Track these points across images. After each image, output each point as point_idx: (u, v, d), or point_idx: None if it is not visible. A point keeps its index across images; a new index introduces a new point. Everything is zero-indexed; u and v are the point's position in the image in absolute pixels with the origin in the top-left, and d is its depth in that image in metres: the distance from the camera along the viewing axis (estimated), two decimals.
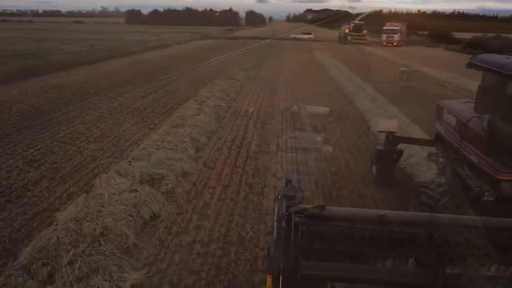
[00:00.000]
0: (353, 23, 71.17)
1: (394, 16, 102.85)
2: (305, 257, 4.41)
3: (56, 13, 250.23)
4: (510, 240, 4.67)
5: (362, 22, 72.03)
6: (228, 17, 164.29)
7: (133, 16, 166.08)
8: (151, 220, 8.04)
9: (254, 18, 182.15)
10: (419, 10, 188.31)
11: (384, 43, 64.23)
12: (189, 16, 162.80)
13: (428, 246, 4.59)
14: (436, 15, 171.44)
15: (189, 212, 8.46)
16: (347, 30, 68.87)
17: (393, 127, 9.77)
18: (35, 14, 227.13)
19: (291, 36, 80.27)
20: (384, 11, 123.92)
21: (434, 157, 8.08)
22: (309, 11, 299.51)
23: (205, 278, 6.39)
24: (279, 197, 4.97)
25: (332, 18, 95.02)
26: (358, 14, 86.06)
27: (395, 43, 64.01)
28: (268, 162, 11.35)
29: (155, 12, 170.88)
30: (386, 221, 4.87)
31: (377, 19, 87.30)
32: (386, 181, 9.86)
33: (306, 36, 79.12)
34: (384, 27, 67.51)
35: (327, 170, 10.91)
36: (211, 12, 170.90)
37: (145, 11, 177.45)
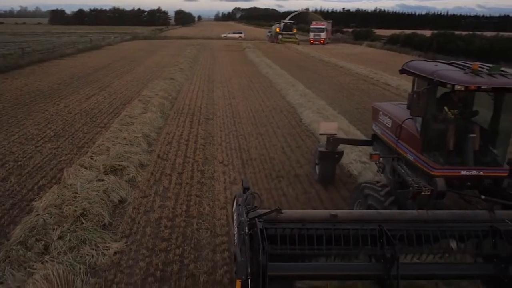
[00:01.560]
0: (283, 22, 73.65)
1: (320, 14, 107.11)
2: (270, 259, 4.67)
3: None
4: (447, 230, 5.31)
5: (292, 21, 74.69)
6: (157, 16, 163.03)
7: (57, 16, 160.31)
8: (120, 203, 9.25)
9: (183, 17, 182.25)
10: (343, 8, 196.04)
11: (312, 41, 67.31)
12: (117, 16, 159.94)
13: (381, 240, 5.03)
14: (360, 13, 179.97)
15: (152, 195, 9.77)
16: (278, 30, 71.10)
17: (334, 130, 10.20)
18: None
19: (222, 35, 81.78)
20: (310, 9, 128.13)
21: (376, 157, 8.43)
22: (237, 9, 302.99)
23: (174, 243, 7.77)
24: (238, 204, 5.34)
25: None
26: (288, 13, 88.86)
27: (322, 41, 67.27)
28: (215, 152, 12.83)
29: (80, 12, 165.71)
30: (338, 219, 5.35)
31: (305, 18, 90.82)
32: (329, 180, 10.56)
33: (237, 35, 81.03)
34: (311, 26, 70.61)
35: (266, 156, 12.56)
36: (139, 11, 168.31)
37: (68, 11, 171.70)
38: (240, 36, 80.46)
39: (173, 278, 6.76)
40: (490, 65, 7.09)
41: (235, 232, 5.12)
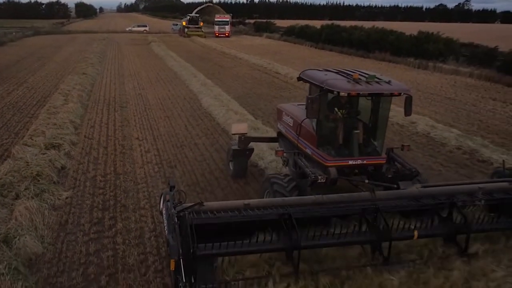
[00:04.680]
0: (189, 16, 75.64)
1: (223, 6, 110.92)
2: (197, 242, 5.51)
3: None
4: (340, 210, 6.64)
5: (198, 15, 76.81)
6: (57, 9, 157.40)
7: None
8: (62, 169, 12.37)
9: (84, 9, 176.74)
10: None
11: (217, 34, 69.92)
12: (11, 9, 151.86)
13: (287, 221, 6.05)
14: (263, 4, 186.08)
15: (86, 163, 12.99)
16: (184, 23, 72.79)
17: (244, 130, 11.10)
18: None
19: (127, 29, 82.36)
20: (215, 0, 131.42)
21: (280, 153, 9.35)
22: (140, 0, 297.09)
23: (109, 189, 11.14)
24: (166, 200, 6.18)
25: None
26: (193, 4, 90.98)
27: (227, 34, 70.48)
28: (131, 131, 16.17)
29: None
30: (251, 207, 6.31)
31: (208, 11, 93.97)
32: (242, 174, 11.74)
33: (142, 29, 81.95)
34: (216, 19, 72.83)
35: (172, 132, 16.14)
36: (37, 4, 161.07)
37: None
38: (145, 30, 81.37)
39: (111, 208, 10.18)
40: (368, 73, 8.40)
41: (165, 225, 6.17)
